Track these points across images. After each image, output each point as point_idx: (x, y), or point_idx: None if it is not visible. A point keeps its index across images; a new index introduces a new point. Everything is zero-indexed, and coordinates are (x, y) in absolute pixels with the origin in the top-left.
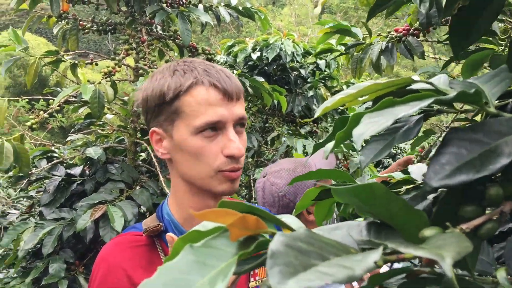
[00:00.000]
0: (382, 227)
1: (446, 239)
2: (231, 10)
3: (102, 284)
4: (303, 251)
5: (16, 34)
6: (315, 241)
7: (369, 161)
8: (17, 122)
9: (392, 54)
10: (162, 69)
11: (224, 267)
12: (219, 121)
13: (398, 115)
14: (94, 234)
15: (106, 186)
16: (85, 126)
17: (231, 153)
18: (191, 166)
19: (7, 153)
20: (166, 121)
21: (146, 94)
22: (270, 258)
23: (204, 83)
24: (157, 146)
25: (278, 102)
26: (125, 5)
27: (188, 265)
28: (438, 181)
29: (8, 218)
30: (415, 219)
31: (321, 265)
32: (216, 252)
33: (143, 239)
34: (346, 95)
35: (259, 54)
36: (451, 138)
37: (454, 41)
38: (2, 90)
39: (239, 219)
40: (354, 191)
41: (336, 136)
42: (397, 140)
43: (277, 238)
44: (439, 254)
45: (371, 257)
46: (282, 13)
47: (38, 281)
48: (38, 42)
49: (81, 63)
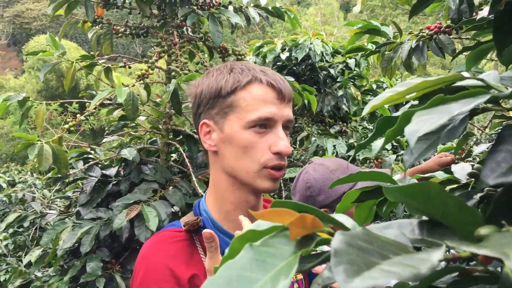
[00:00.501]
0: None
1: (507, 237)
2: (260, 10)
3: (144, 282)
4: (363, 250)
5: (53, 40)
6: (374, 240)
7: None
8: (50, 125)
9: (422, 52)
10: (218, 67)
11: (284, 265)
12: (271, 118)
13: (452, 113)
14: (130, 233)
15: (140, 187)
16: (119, 128)
17: (279, 150)
18: (238, 159)
19: (46, 155)
20: (218, 114)
21: (201, 89)
22: (334, 257)
23: (262, 81)
24: (205, 137)
25: (308, 102)
26: (157, 9)
27: (249, 263)
28: (494, 178)
29: (46, 218)
30: (470, 217)
31: (383, 263)
32: (276, 250)
33: (182, 235)
34: (395, 93)
35: (288, 55)
36: (507, 135)
37: (499, 37)
38: (34, 94)
39: (299, 218)
40: (408, 191)
41: (386, 134)
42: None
43: (338, 237)
44: (504, 253)
45: (434, 255)
46: (307, 13)
47: (76, 279)
48: (68, 46)
49: (114, 66)
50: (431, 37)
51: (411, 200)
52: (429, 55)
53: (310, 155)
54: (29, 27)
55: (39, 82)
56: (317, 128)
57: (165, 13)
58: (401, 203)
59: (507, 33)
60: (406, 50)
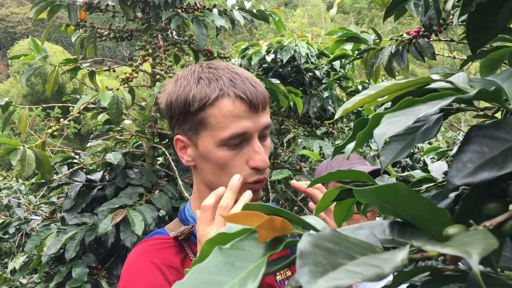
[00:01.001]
0: (405, 226)
1: (472, 236)
2: (245, 13)
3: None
4: (330, 251)
5: (35, 43)
6: (341, 241)
7: (389, 162)
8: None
9: (402, 57)
10: (186, 74)
11: (253, 268)
12: (245, 132)
13: (419, 115)
14: (116, 238)
15: (126, 191)
16: (104, 132)
17: (257, 165)
18: (216, 176)
19: (29, 160)
20: (190, 130)
21: (170, 100)
22: (299, 258)
23: (230, 95)
24: (181, 153)
25: (294, 104)
26: (141, 12)
27: (218, 266)
28: (460, 179)
29: (31, 224)
30: (439, 217)
31: (349, 264)
32: (245, 253)
33: (170, 241)
34: (365, 96)
35: (273, 56)
36: (473, 136)
37: (472, 38)
38: (20, 99)
39: (267, 221)
40: (377, 192)
41: (357, 137)
42: (417, 140)
43: (305, 238)
44: (466, 251)
45: (398, 255)
46: (294, 15)
47: (62, 285)
48: (54, 50)
49: (99, 70)
50: (411, 41)
51: (381, 201)
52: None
53: (296, 157)
54: (13, 31)
55: (24, 87)
56: (303, 130)
57: (149, 16)
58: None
59: (479, 34)
60: (387, 56)
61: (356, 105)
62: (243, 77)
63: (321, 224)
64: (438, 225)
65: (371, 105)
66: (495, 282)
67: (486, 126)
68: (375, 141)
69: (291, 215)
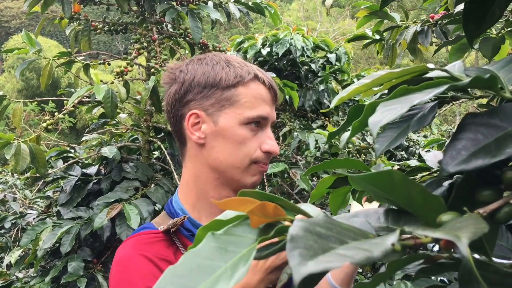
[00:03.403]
0: (400, 214)
1: (463, 221)
2: (240, 6)
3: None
4: (322, 236)
5: (29, 37)
6: (334, 227)
7: (384, 149)
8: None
9: (427, 36)
10: (211, 56)
11: (245, 252)
12: (267, 118)
13: (413, 102)
14: (111, 232)
15: (122, 185)
16: (99, 126)
17: (270, 149)
18: (229, 154)
19: (23, 154)
20: (213, 106)
21: (192, 76)
22: (289, 242)
23: (264, 81)
24: (193, 128)
25: (289, 97)
26: (136, 5)
27: (210, 251)
28: (454, 166)
29: (26, 218)
30: (433, 204)
31: (339, 248)
32: (237, 239)
33: (160, 235)
34: (361, 85)
35: (269, 50)
36: (467, 124)
37: (468, 28)
38: (15, 93)
39: (259, 206)
40: (372, 179)
41: (352, 125)
42: (412, 127)
43: (296, 223)
44: (456, 235)
45: (388, 239)
46: (290, 8)
47: (57, 279)
48: (49, 44)
49: (93, 63)
50: (436, 23)
51: (376, 188)
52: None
53: (292, 150)
54: (8, 25)
55: (19, 81)
56: (299, 123)
57: (144, 9)
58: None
59: (477, 24)
60: (411, 33)
61: (351, 94)
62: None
63: (316, 211)
64: (432, 212)
65: (367, 94)
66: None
67: (480, 114)
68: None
69: (285, 202)
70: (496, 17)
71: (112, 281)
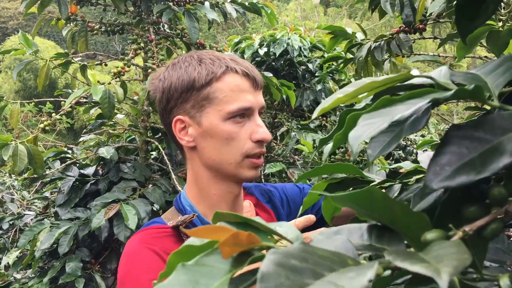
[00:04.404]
0: (384, 231)
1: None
2: (237, 6)
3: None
4: (296, 269)
5: (25, 38)
6: (310, 256)
7: (376, 155)
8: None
9: (382, 50)
10: (183, 58)
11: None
12: (250, 107)
13: (394, 117)
14: (109, 233)
15: (119, 185)
16: (96, 126)
17: (261, 137)
18: (220, 151)
19: (21, 155)
20: (193, 108)
21: (169, 82)
22: (259, 282)
23: (236, 71)
24: (181, 134)
25: (287, 97)
26: (132, 5)
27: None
28: (438, 183)
29: (24, 219)
30: (417, 222)
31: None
32: (209, 270)
33: (168, 231)
34: (343, 94)
35: (266, 50)
36: (452, 136)
37: (462, 23)
38: (12, 94)
39: (231, 237)
40: (352, 198)
41: (334, 138)
42: (405, 132)
43: (269, 257)
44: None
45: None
46: (287, 8)
47: (55, 280)
48: (46, 45)
49: (90, 64)
50: (392, 36)
51: (357, 207)
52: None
53: (290, 150)
54: (5, 26)
55: (16, 82)
56: (296, 123)
57: (141, 10)
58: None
59: (468, 19)
60: (366, 49)
61: (333, 104)
62: (242, 59)
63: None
64: (416, 229)
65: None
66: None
67: (464, 126)
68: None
69: (261, 225)
70: (490, 12)
71: (119, 273)
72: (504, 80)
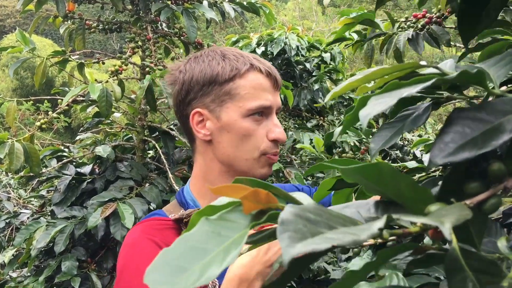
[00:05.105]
0: (389, 205)
1: (448, 209)
2: (235, 5)
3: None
4: (311, 221)
5: (23, 35)
6: (324, 213)
7: (379, 148)
8: (23, 125)
9: (418, 43)
10: (206, 52)
11: (237, 237)
12: (270, 106)
13: (402, 94)
14: (105, 232)
15: (116, 184)
16: (93, 125)
17: (277, 137)
18: (237, 147)
19: (17, 153)
20: (214, 102)
21: (190, 75)
22: (280, 225)
23: (260, 70)
24: (198, 127)
25: (284, 97)
26: (130, 4)
27: (204, 235)
28: (442, 158)
29: (20, 218)
30: (421, 196)
31: (328, 232)
32: (230, 224)
33: (169, 223)
34: (354, 80)
35: (263, 49)
36: (455, 117)
37: (463, 28)
38: (9, 93)
39: (251, 192)
40: (361, 171)
41: (345, 119)
42: (406, 127)
43: (287, 209)
44: (439, 220)
45: (375, 224)
46: (286, 8)
47: (51, 279)
48: (44, 43)
49: (87, 62)
50: (424, 27)
51: (366, 180)
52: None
53: (287, 149)
54: (2, 24)
55: (13, 80)
56: (294, 123)
57: (139, 8)
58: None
59: (470, 24)
60: (403, 41)
61: (345, 88)
62: (263, 59)
63: (307, 200)
64: (420, 203)
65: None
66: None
67: (468, 108)
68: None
69: (278, 190)
70: (492, 18)
71: (119, 263)
72: (505, 71)
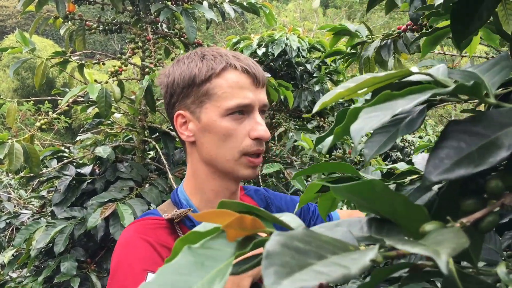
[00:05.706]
0: (383, 223)
1: (445, 234)
2: (235, 6)
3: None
4: (300, 251)
5: (23, 36)
6: (313, 240)
7: (373, 154)
8: (24, 125)
9: (389, 50)
10: (188, 54)
11: (222, 267)
12: (249, 104)
13: (396, 110)
14: (105, 232)
15: (116, 185)
16: (94, 125)
17: (259, 135)
18: (218, 148)
19: (17, 154)
20: (194, 103)
21: (172, 78)
22: (265, 259)
23: (236, 67)
24: (182, 129)
25: (285, 98)
26: (130, 4)
27: (187, 266)
28: (437, 175)
29: (20, 218)
30: (416, 214)
31: (317, 264)
32: (214, 252)
33: (163, 223)
34: (344, 89)
35: (264, 50)
36: (450, 131)
37: (456, 29)
38: (10, 93)
39: (236, 219)
40: (354, 189)
41: (335, 132)
42: (401, 132)
43: (274, 238)
44: (435, 251)
45: (367, 255)
46: (286, 9)
47: (51, 279)
48: (45, 44)
49: (88, 63)
50: (399, 35)
51: (358, 198)
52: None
53: (288, 150)
54: (3, 24)
55: (14, 81)
56: (294, 124)
57: (139, 9)
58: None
59: (463, 25)
60: (373, 48)
61: (334, 98)
62: (245, 56)
63: (296, 222)
64: (415, 221)
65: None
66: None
67: (464, 121)
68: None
69: (265, 212)
70: (485, 18)
71: (113, 262)
72: (500, 79)
